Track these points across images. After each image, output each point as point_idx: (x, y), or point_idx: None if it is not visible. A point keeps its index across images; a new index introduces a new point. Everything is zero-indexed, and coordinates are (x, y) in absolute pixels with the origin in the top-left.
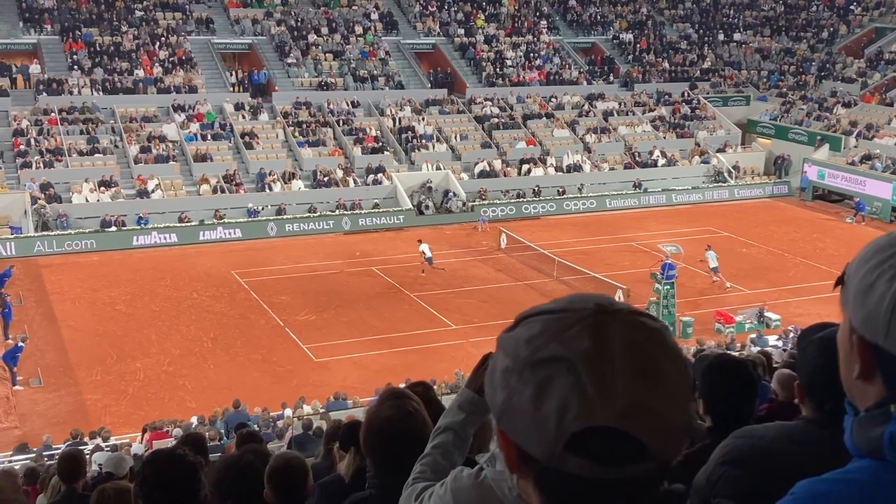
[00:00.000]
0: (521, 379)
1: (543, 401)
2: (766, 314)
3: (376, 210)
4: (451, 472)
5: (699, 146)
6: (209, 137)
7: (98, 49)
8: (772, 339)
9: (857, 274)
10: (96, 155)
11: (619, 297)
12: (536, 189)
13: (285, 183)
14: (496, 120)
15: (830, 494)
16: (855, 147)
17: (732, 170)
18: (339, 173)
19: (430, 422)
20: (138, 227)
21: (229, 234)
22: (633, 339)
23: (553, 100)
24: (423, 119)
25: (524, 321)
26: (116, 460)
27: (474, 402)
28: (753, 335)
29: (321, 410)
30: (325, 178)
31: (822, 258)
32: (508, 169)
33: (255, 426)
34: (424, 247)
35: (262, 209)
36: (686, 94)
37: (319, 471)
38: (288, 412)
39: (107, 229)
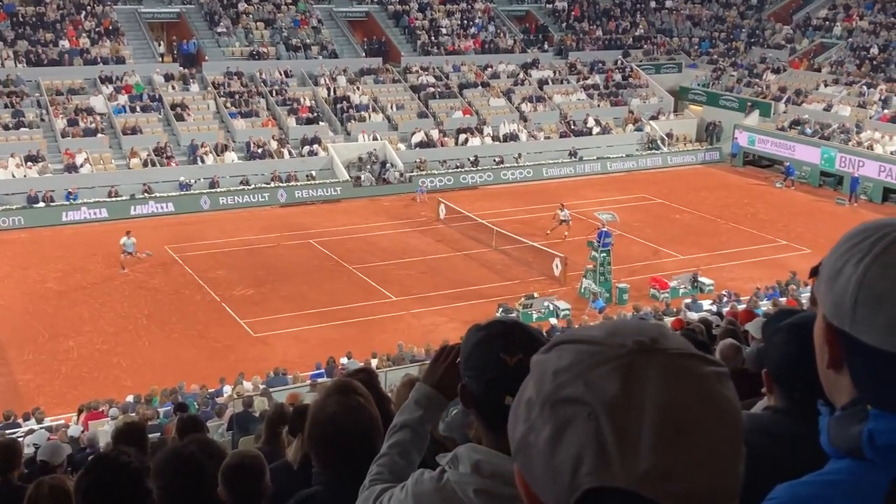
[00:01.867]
0: (542, 416)
1: (559, 446)
2: (700, 279)
3: (312, 182)
4: (412, 474)
5: (633, 114)
6: (138, 109)
7: (21, 20)
8: (706, 304)
9: (829, 261)
10: (22, 129)
11: (556, 265)
12: (474, 159)
13: (218, 155)
14: (432, 89)
15: (812, 498)
16: (784, 113)
17: (665, 137)
18: (274, 145)
19: (378, 415)
20: (67, 203)
21: (161, 208)
22: (671, 388)
23: (489, 69)
24: (359, 89)
25: (558, 346)
26: (52, 449)
27: (431, 397)
28: (688, 300)
29: (261, 387)
30: (259, 150)
31: (753, 223)
32: (446, 139)
33: (195, 404)
34: (126, 240)
35: (195, 182)
36: (619, 62)
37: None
38: (227, 389)
39: (35, 205)
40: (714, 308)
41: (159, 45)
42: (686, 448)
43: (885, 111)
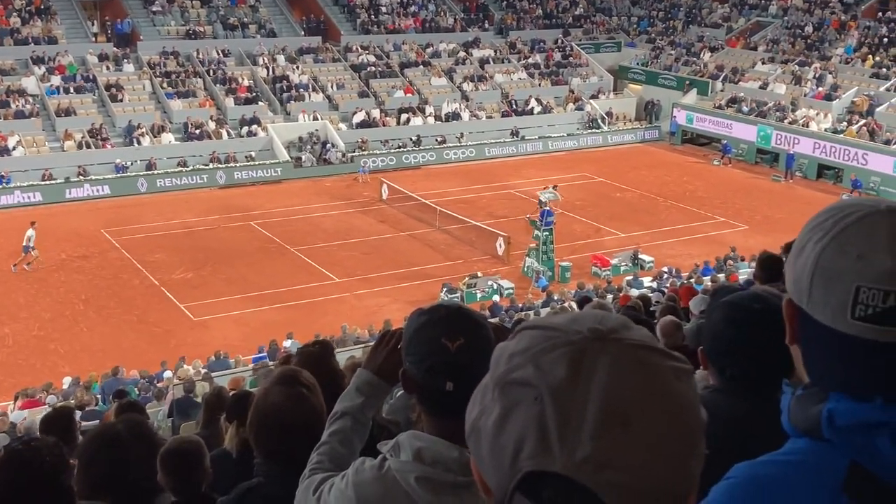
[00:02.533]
0: (493, 398)
1: (505, 428)
2: (640, 256)
3: (252, 163)
4: (353, 463)
5: (573, 93)
6: (72, 90)
7: None
8: (646, 281)
9: (799, 235)
10: None
11: (499, 244)
12: (416, 138)
13: (154, 136)
14: (373, 68)
15: (769, 477)
16: (721, 91)
17: (605, 116)
18: (212, 125)
19: (324, 406)
20: (0, 187)
21: (97, 191)
22: (620, 378)
23: (430, 48)
24: (298, 68)
25: (519, 332)
26: None
27: (373, 384)
28: (629, 277)
29: (203, 370)
30: (197, 131)
31: (692, 200)
32: (387, 118)
33: (135, 390)
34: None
35: (131, 164)
36: (559, 42)
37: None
38: (168, 374)
39: None
40: (654, 285)
41: (92, 24)
42: (628, 439)
43: (820, 89)
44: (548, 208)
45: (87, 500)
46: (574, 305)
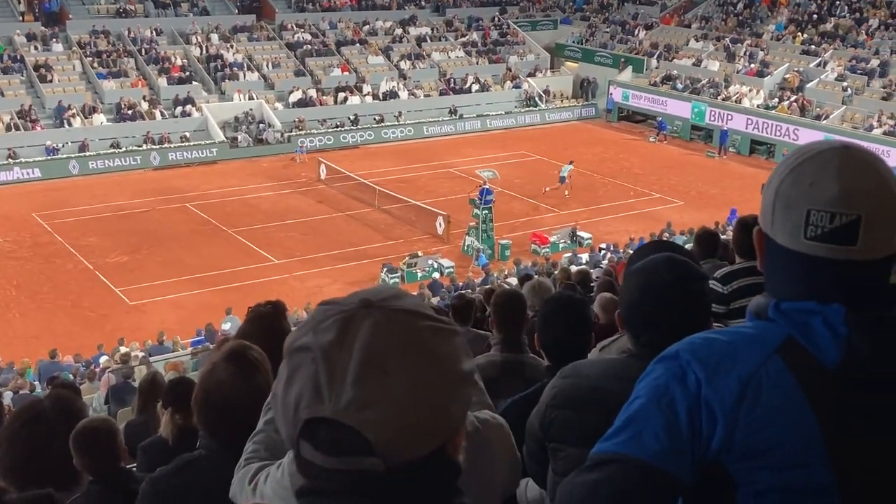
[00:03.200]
0: (284, 364)
1: (290, 388)
2: (579, 233)
3: (187, 143)
4: (289, 452)
5: (510, 71)
6: None
7: None
8: (584, 258)
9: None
10: None
11: (439, 223)
12: (354, 118)
13: (86, 117)
14: (309, 47)
15: (722, 342)
16: (656, 68)
17: (542, 94)
18: (145, 105)
19: (271, 381)
20: None
21: (27, 174)
22: (379, 335)
23: (366, 25)
24: (232, 46)
25: (317, 306)
26: None
27: None
28: (568, 254)
29: (140, 355)
30: (130, 111)
31: (628, 177)
32: (325, 97)
33: (70, 375)
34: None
35: (63, 146)
36: (496, 19)
37: (135, 426)
38: (105, 358)
39: None
40: (590, 259)
41: (19, 2)
42: (384, 385)
43: (752, 65)
44: (487, 187)
45: (6, 483)
46: (515, 282)
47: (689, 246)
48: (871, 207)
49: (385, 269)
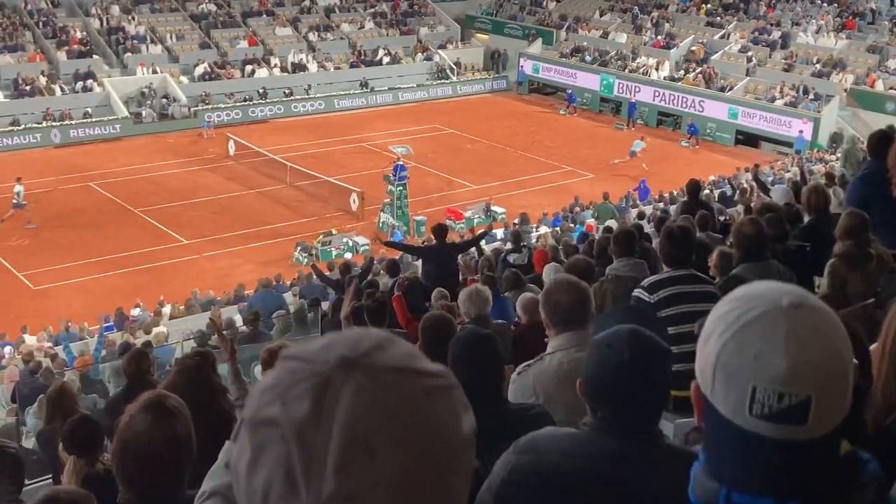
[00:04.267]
0: (245, 437)
1: (255, 471)
2: (493, 208)
3: (88, 120)
4: None
5: (421, 43)
6: None
7: None
8: (499, 233)
9: (707, 320)
10: None
11: (353, 200)
12: (262, 91)
13: None
14: (214, 18)
15: None
16: (565, 41)
17: (454, 66)
18: (43, 81)
19: (192, 434)
20: None
21: None
22: (362, 406)
23: None
24: (134, 18)
25: (279, 361)
26: None
27: None
28: (482, 230)
29: (47, 345)
30: (28, 87)
31: (539, 150)
32: (232, 70)
33: None
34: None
35: None
36: None
37: (45, 435)
38: (8, 348)
39: None
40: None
41: None
42: (375, 468)
43: (658, 37)
44: (401, 163)
45: None
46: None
47: (591, 221)
48: (822, 385)
49: (299, 248)
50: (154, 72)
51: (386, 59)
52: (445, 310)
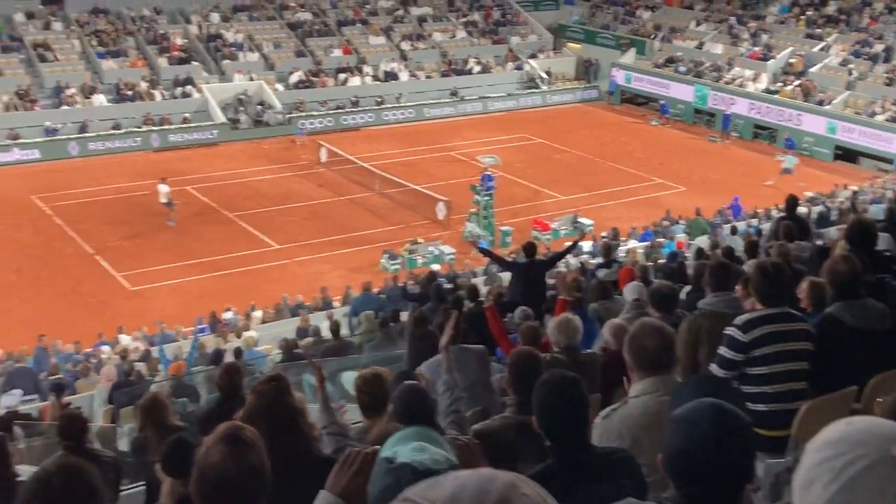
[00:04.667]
0: None
1: None
2: (580, 220)
3: (187, 125)
4: None
5: (512, 52)
6: None
7: None
8: (586, 245)
9: (804, 465)
10: None
11: (440, 208)
12: (354, 99)
13: (86, 98)
14: (310, 27)
15: None
16: (659, 51)
17: (544, 75)
18: (144, 86)
19: (266, 464)
20: None
21: (26, 155)
22: None
23: (367, 5)
24: (233, 26)
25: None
26: None
27: None
28: (569, 243)
29: (141, 347)
30: (130, 92)
31: (630, 161)
32: (325, 78)
33: (68, 366)
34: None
35: (62, 127)
36: None
37: (140, 446)
38: (106, 348)
39: None
40: (593, 250)
41: None
42: None
43: (755, 49)
44: (489, 173)
45: None
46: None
47: (682, 237)
48: None
49: (386, 256)
50: (250, 79)
51: (476, 69)
52: (531, 332)
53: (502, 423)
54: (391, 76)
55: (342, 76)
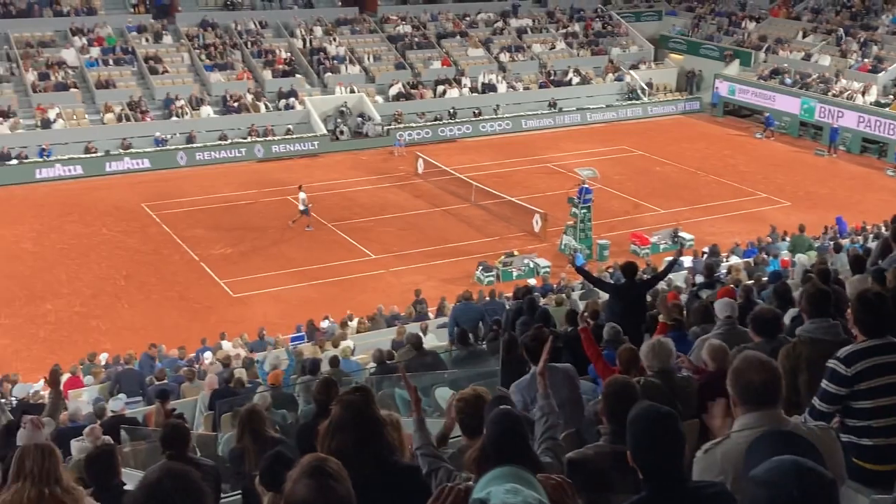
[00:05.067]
0: None
1: None
2: (680, 234)
3: (290, 136)
4: None
5: (613, 63)
6: (111, 62)
7: None
8: (687, 261)
9: None
10: None
11: (536, 221)
12: (452, 111)
13: (193, 109)
14: (409, 40)
15: None
16: (764, 62)
17: (645, 87)
18: (250, 98)
19: (351, 493)
20: (41, 160)
21: (137, 164)
22: None
23: (467, 17)
24: (335, 40)
25: None
26: None
27: None
28: (669, 257)
29: (243, 354)
30: (235, 104)
31: (733, 175)
32: (424, 90)
33: (173, 372)
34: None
35: (171, 137)
36: (599, 10)
37: (237, 455)
38: (208, 354)
39: (7, 162)
40: (693, 265)
41: None
42: None
43: (865, 60)
44: (586, 185)
45: None
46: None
47: (786, 255)
48: None
49: (480, 268)
50: (351, 91)
51: (575, 80)
52: (629, 354)
53: (597, 452)
54: (489, 88)
55: (440, 88)
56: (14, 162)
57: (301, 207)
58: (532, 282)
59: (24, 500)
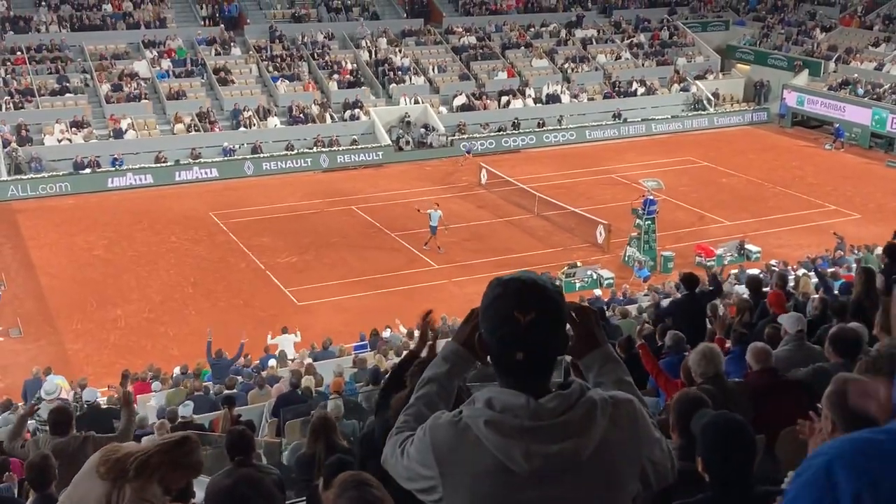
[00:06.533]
0: None
1: None
2: (747, 246)
3: (354, 146)
4: (432, 415)
5: (678, 73)
6: (181, 74)
7: None
8: (753, 273)
9: None
10: (67, 95)
11: (599, 232)
12: (516, 121)
13: (261, 120)
14: (474, 51)
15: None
16: (834, 72)
17: (712, 97)
18: (316, 109)
19: (390, 498)
20: (113, 169)
21: (205, 173)
22: None
23: (531, 28)
24: (400, 51)
25: None
26: None
27: (458, 353)
28: (735, 270)
29: (307, 361)
30: (302, 114)
31: (801, 186)
32: (488, 101)
33: (239, 378)
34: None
35: (238, 147)
36: (665, 20)
37: (307, 463)
38: (272, 362)
39: (81, 171)
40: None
41: (201, 8)
42: None
43: None
44: (651, 196)
45: None
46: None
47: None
48: None
49: None
50: (415, 102)
51: (640, 90)
52: (684, 371)
53: None
54: (553, 98)
55: (504, 99)
56: (87, 171)
57: (432, 224)
58: (597, 293)
59: None
